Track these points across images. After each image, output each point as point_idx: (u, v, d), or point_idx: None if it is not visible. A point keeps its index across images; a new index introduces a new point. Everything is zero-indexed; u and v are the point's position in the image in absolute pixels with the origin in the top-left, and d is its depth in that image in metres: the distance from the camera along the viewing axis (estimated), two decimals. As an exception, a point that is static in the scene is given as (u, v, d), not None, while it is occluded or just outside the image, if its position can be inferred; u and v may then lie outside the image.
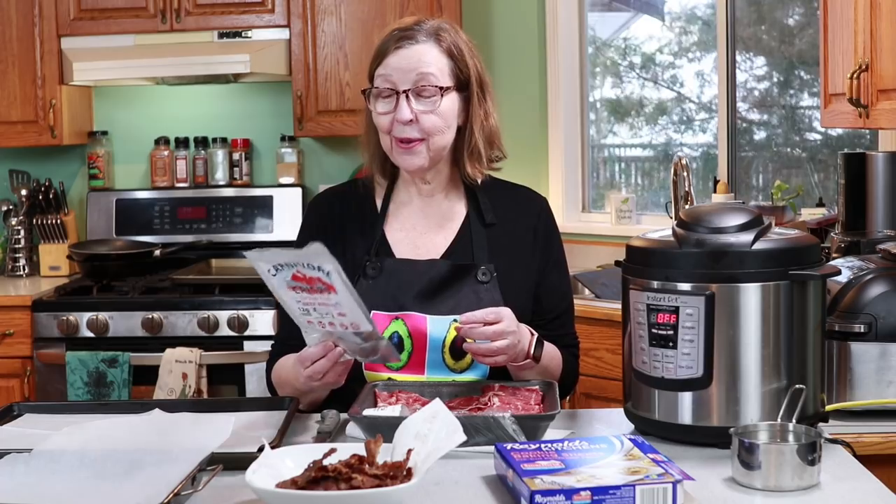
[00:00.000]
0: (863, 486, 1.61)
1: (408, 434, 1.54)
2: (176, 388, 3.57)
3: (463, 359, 2.05)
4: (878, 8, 2.76)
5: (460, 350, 2.01)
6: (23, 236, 4.31)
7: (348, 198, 2.22)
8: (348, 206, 2.20)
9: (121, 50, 4.07)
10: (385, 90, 2.07)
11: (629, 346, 1.85)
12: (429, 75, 2.05)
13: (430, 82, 2.06)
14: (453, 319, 2.02)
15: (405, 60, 2.06)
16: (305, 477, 1.45)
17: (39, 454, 1.65)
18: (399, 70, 2.06)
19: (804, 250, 1.79)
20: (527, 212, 2.21)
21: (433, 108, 2.06)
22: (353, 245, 2.14)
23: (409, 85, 2.05)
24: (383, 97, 2.08)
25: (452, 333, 2.03)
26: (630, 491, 1.46)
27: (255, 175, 4.47)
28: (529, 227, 2.19)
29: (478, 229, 2.15)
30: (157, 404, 2.00)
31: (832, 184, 3.99)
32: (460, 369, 2.06)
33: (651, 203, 4.47)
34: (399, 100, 2.05)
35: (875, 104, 2.78)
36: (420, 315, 2.05)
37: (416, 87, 2.05)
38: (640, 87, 4.58)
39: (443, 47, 2.09)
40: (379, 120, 2.09)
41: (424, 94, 2.06)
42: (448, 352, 2.05)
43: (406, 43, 2.07)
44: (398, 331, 2.04)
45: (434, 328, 2.05)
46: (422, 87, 2.05)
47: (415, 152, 2.08)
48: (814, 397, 1.80)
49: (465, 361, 2.05)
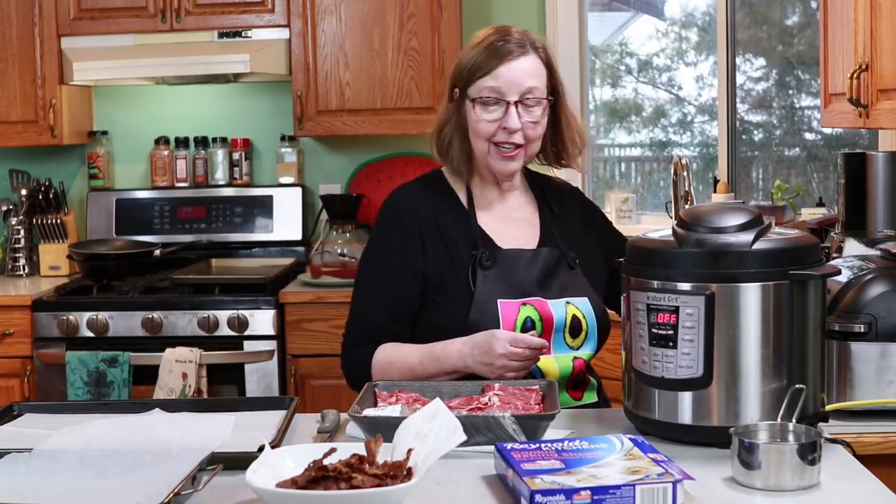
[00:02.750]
0: (863, 486, 1.61)
1: (408, 434, 1.54)
2: (176, 388, 3.57)
3: (578, 336, 2.21)
4: (878, 8, 2.76)
5: (577, 328, 2.20)
6: (23, 236, 4.31)
7: (432, 193, 2.30)
8: (436, 201, 2.28)
9: (121, 50, 4.07)
10: (492, 99, 2.18)
11: (629, 346, 1.85)
12: (535, 88, 2.19)
13: (536, 94, 2.19)
14: (566, 302, 2.20)
15: (516, 72, 2.17)
16: (305, 477, 1.45)
17: (39, 454, 1.65)
18: (510, 82, 2.17)
19: (804, 250, 1.79)
20: (567, 200, 2.39)
21: (538, 118, 2.20)
22: (451, 238, 2.23)
23: (517, 96, 2.18)
24: (488, 104, 2.19)
25: (570, 314, 2.19)
26: (630, 491, 1.46)
27: (255, 175, 4.47)
28: (577, 215, 2.38)
29: (551, 219, 2.32)
30: (157, 404, 2.00)
31: (832, 184, 3.99)
32: (577, 346, 2.21)
33: (651, 203, 4.47)
34: (509, 109, 2.17)
35: (875, 104, 2.78)
36: (543, 299, 2.19)
37: (523, 99, 2.18)
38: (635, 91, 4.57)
39: (543, 59, 2.22)
40: (481, 126, 2.20)
41: (529, 105, 2.18)
42: (568, 331, 2.19)
43: (514, 56, 2.18)
44: (530, 315, 2.16)
45: (555, 310, 2.19)
46: (529, 98, 2.18)
47: (514, 159, 2.22)
48: (814, 397, 1.80)
49: (580, 339, 2.21)
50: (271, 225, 4.31)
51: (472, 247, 2.22)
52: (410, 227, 2.24)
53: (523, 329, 2.14)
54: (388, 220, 2.29)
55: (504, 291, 2.18)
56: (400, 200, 2.30)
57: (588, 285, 2.27)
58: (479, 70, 2.20)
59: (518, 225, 2.30)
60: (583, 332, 2.21)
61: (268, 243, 4.31)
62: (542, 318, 2.17)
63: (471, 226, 2.25)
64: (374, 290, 2.25)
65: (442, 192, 2.30)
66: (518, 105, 2.18)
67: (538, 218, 2.33)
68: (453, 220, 2.26)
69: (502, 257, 2.22)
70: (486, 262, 2.20)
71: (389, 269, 2.23)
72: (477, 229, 2.25)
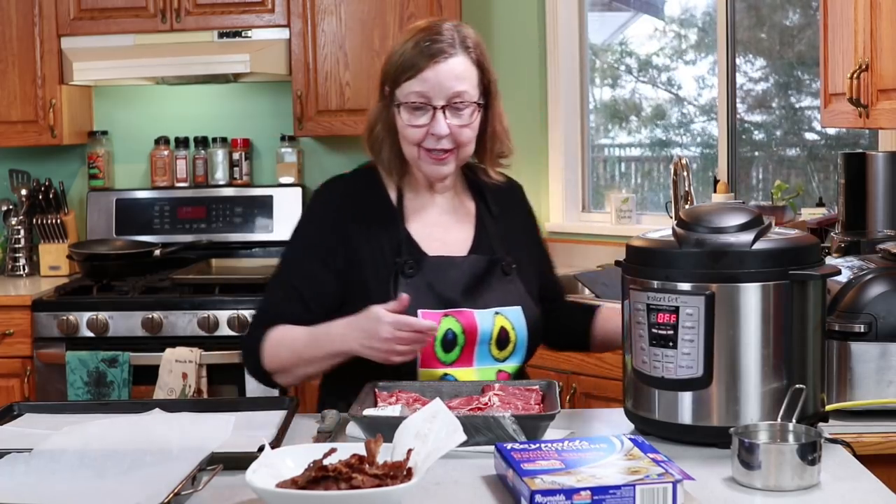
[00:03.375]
0: (863, 486, 1.61)
1: (408, 434, 1.54)
2: (176, 388, 3.57)
3: (506, 348, 2.13)
4: (878, 8, 2.76)
5: (504, 340, 2.12)
6: (23, 236, 4.31)
7: (362, 191, 2.20)
8: (364, 199, 2.19)
9: (121, 50, 4.07)
10: (419, 104, 2.08)
11: (629, 346, 1.85)
12: (464, 92, 2.08)
13: (466, 98, 2.08)
14: (495, 312, 2.11)
15: (442, 76, 2.06)
16: (305, 477, 1.45)
17: (39, 454, 1.65)
18: (437, 85, 2.06)
19: (804, 250, 1.79)
20: (513, 200, 2.30)
21: (469, 122, 2.09)
22: (377, 241, 2.13)
23: (444, 101, 2.07)
24: (415, 109, 2.09)
25: (497, 326, 2.11)
26: (630, 491, 1.46)
27: (255, 175, 4.47)
28: (519, 215, 2.29)
29: (489, 222, 2.22)
30: (157, 404, 2.00)
31: (832, 184, 3.99)
32: (503, 358, 2.13)
33: (651, 203, 4.47)
34: (435, 115, 2.07)
35: (875, 104, 2.78)
36: (468, 310, 2.10)
37: (451, 103, 2.08)
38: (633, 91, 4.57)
39: (473, 58, 2.11)
40: (409, 132, 2.10)
41: (459, 109, 2.08)
42: (494, 343, 2.11)
43: (442, 58, 2.07)
44: (451, 328, 2.08)
45: (481, 322, 2.10)
46: (457, 102, 2.08)
47: (445, 163, 2.11)
48: (814, 397, 1.80)
49: (507, 351, 2.14)
50: (271, 225, 4.31)
51: (397, 253, 2.12)
52: (334, 225, 2.15)
53: (444, 342, 2.06)
54: (314, 212, 2.21)
55: (426, 301, 2.08)
56: (328, 198, 2.21)
57: (524, 293, 2.17)
58: (405, 72, 2.08)
59: (450, 230, 2.19)
60: (510, 345, 2.13)
61: (268, 243, 4.31)
62: (465, 329, 2.08)
63: (398, 230, 2.14)
64: (291, 275, 2.16)
65: (373, 190, 2.19)
66: (446, 110, 2.07)
67: (474, 221, 2.22)
68: (381, 222, 2.16)
69: (427, 265, 2.11)
70: (408, 269, 2.10)
71: (307, 260, 2.15)
72: (404, 234, 2.14)
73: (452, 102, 2.07)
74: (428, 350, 2.06)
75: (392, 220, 2.16)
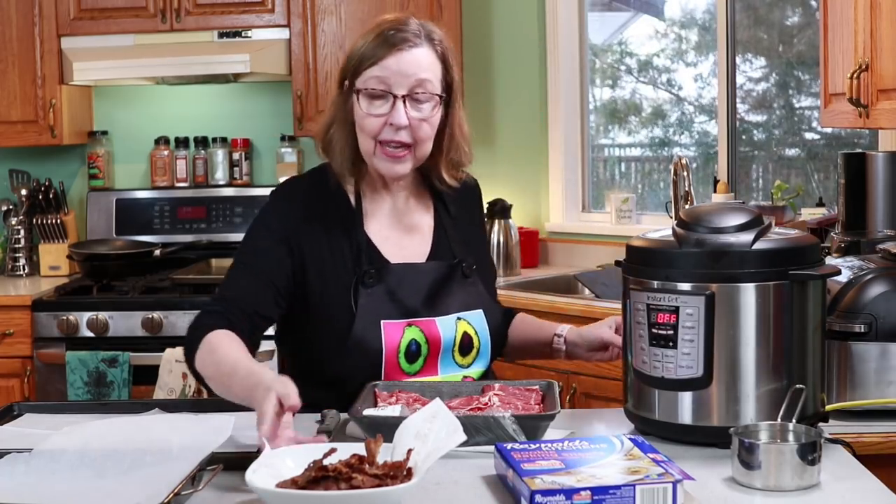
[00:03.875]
0: (863, 486, 1.61)
1: (408, 434, 1.54)
2: (176, 388, 3.57)
3: (469, 354, 2.11)
4: (878, 8, 2.76)
5: (467, 346, 2.10)
6: (23, 236, 4.31)
7: (321, 193, 2.12)
8: (323, 200, 2.11)
9: (121, 50, 4.07)
10: (378, 91, 2.01)
11: (629, 346, 1.85)
12: (426, 82, 2.01)
13: (428, 89, 2.01)
14: (457, 318, 2.09)
15: (404, 64, 2.00)
16: (305, 477, 1.45)
17: (39, 454, 1.65)
18: (398, 73, 1.99)
19: (804, 250, 1.79)
20: (469, 198, 2.25)
21: (429, 115, 2.02)
22: (338, 247, 2.07)
23: (406, 90, 2.00)
24: (375, 98, 2.01)
25: (460, 332, 2.09)
26: (630, 491, 1.46)
27: (255, 175, 4.47)
28: (476, 214, 2.27)
29: (448, 223, 2.17)
30: (157, 404, 2.00)
31: (832, 184, 3.99)
32: (468, 364, 2.11)
33: (651, 203, 4.47)
34: (395, 104, 2.00)
35: (875, 104, 2.78)
36: (430, 319, 2.07)
37: (412, 93, 2.01)
38: (633, 92, 4.57)
39: (438, 52, 2.05)
40: (367, 122, 2.02)
41: (420, 100, 2.01)
42: (457, 350, 2.09)
43: (406, 46, 2.00)
44: (415, 338, 2.05)
45: (444, 329, 2.07)
46: (419, 93, 2.01)
47: (402, 161, 2.03)
48: (814, 397, 1.80)
49: (471, 356, 2.11)
50: (271, 225, 4.30)
51: (357, 258, 2.05)
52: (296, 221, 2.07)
53: (407, 353, 2.03)
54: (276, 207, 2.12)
55: (388, 311, 2.03)
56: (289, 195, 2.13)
57: (484, 295, 2.15)
58: (367, 60, 2.00)
59: (409, 233, 2.13)
60: (474, 350, 2.10)
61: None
62: (429, 339, 2.04)
63: (357, 233, 2.08)
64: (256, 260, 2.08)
65: (332, 191, 2.11)
66: (406, 99, 1.99)
67: (432, 223, 2.16)
68: (340, 225, 2.08)
69: (389, 274, 2.05)
70: (368, 279, 2.04)
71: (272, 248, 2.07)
72: (364, 239, 2.07)
73: (414, 93, 2.00)
74: (391, 361, 2.03)
75: (351, 222, 2.09)
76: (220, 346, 1.91)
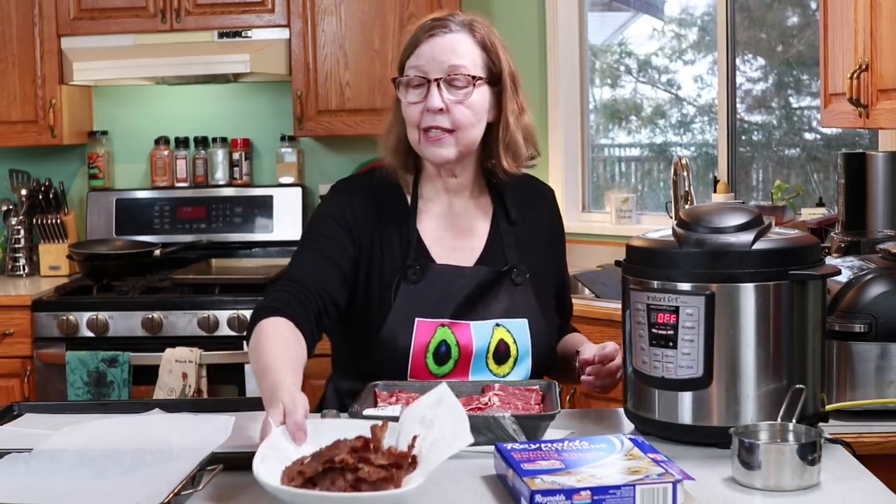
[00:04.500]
0: (863, 486, 1.61)
1: (413, 420, 1.53)
2: (176, 388, 3.57)
3: (505, 363, 2.06)
4: (878, 8, 2.76)
5: (504, 355, 2.05)
6: (23, 236, 4.31)
7: (378, 190, 2.12)
8: (380, 196, 2.12)
9: (121, 50, 4.07)
10: (416, 79, 2.02)
11: (629, 346, 1.85)
12: (461, 66, 2.01)
13: (462, 72, 2.01)
14: (495, 324, 2.05)
15: (437, 49, 2.01)
16: (313, 468, 1.45)
17: (39, 454, 1.65)
18: (431, 59, 2.00)
19: (804, 250, 1.79)
20: (539, 205, 2.21)
21: (464, 98, 2.01)
22: (389, 243, 2.08)
23: (441, 74, 2.00)
24: (413, 87, 2.02)
25: (496, 339, 2.05)
26: (630, 491, 1.46)
27: (255, 175, 4.47)
28: (544, 222, 2.20)
29: (505, 228, 2.14)
30: (157, 404, 2.00)
31: (832, 184, 3.99)
32: (503, 374, 2.07)
33: (651, 203, 4.47)
34: (430, 88, 2.00)
35: (875, 104, 2.78)
36: (464, 322, 2.04)
37: (448, 77, 2.00)
38: (633, 91, 4.57)
39: (476, 38, 2.05)
40: (408, 111, 2.03)
41: (456, 84, 2.01)
42: (492, 357, 2.05)
43: (439, 31, 2.02)
44: (446, 339, 2.03)
45: (478, 335, 2.05)
46: (454, 76, 2.00)
47: (443, 144, 2.02)
48: (814, 397, 1.80)
49: (507, 366, 2.07)
50: (271, 225, 4.31)
51: (405, 255, 2.06)
52: (353, 213, 2.07)
53: (436, 355, 2.01)
54: (335, 199, 2.11)
55: (423, 310, 2.02)
56: (346, 192, 2.13)
57: (534, 304, 2.09)
58: (406, 52, 2.05)
59: (462, 235, 2.12)
60: (510, 359, 2.06)
61: (268, 243, 4.31)
62: (460, 343, 2.02)
63: (409, 230, 2.08)
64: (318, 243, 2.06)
65: (389, 188, 2.12)
66: (442, 83, 1.99)
67: (488, 227, 2.14)
68: (394, 222, 2.09)
69: (432, 273, 2.05)
70: (412, 275, 2.04)
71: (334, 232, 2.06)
72: (414, 236, 2.07)
73: (449, 76, 2.00)
74: (419, 360, 2.02)
75: (405, 219, 2.09)
76: (267, 340, 1.86)
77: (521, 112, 2.10)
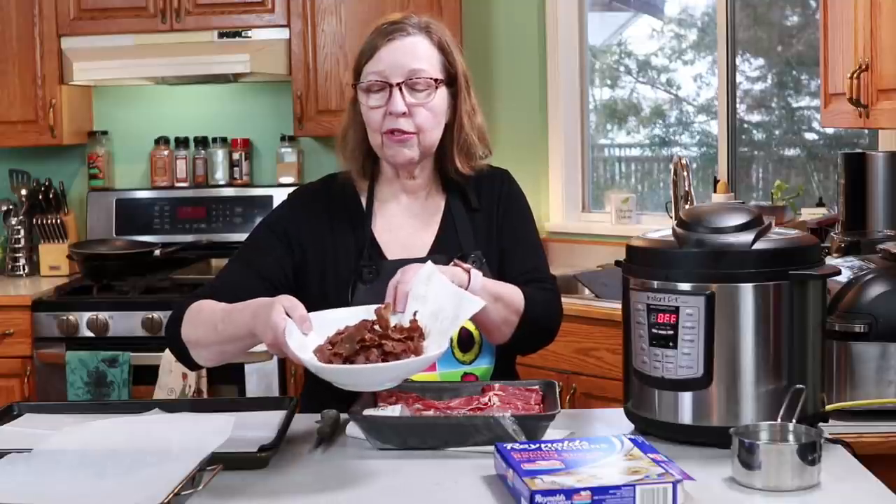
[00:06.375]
0: (863, 486, 1.61)
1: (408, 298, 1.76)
2: (176, 388, 3.57)
3: (470, 350, 2.08)
4: (878, 8, 2.76)
5: (467, 342, 2.05)
6: (23, 236, 4.31)
7: (332, 196, 2.16)
8: (334, 204, 2.15)
9: (121, 50, 4.07)
10: (376, 84, 2.03)
11: (629, 346, 1.85)
12: (421, 69, 2.03)
13: (423, 75, 2.03)
14: None
15: (398, 53, 2.02)
16: (348, 349, 1.65)
17: (39, 454, 1.65)
18: (392, 63, 2.02)
19: (804, 250, 1.79)
20: (493, 190, 2.20)
21: (426, 101, 2.03)
22: (343, 246, 2.10)
23: (402, 77, 2.02)
24: (374, 91, 2.04)
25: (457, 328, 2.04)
26: (630, 491, 1.46)
27: (255, 175, 4.47)
28: (501, 206, 2.19)
29: (461, 217, 2.14)
30: (157, 404, 2.00)
31: (832, 184, 3.99)
32: (469, 361, 2.08)
33: (651, 203, 4.48)
34: (392, 92, 2.02)
35: (875, 104, 2.78)
36: None
37: (410, 81, 2.02)
38: (632, 91, 4.58)
39: (433, 41, 2.07)
40: (370, 115, 2.05)
41: (417, 88, 2.03)
42: (457, 346, 2.06)
43: (398, 35, 2.04)
44: None
45: None
46: (415, 80, 2.02)
47: (407, 144, 2.04)
48: (814, 397, 1.80)
49: (473, 353, 2.08)
50: (271, 225, 4.31)
51: (359, 256, 2.08)
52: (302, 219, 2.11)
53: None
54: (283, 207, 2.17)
55: None
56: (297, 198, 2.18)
57: None
58: (364, 56, 2.05)
59: (412, 229, 2.14)
60: (475, 345, 2.07)
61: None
62: None
63: (363, 232, 2.10)
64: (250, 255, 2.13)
65: (344, 193, 2.16)
66: (403, 87, 2.01)
67: (440, 218, 2.15)
68: (347, 226, 2.12)
69: (385, 270, 2.03)
70: (367, 275, 2.06)
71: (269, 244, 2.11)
72: (367, 237, 2.10)
73: (409, 80, 2.02)
74: None
75: (359, 222, 2.12)
76: (206, 305, 1.98)
77: (473, 112, 2.13)
